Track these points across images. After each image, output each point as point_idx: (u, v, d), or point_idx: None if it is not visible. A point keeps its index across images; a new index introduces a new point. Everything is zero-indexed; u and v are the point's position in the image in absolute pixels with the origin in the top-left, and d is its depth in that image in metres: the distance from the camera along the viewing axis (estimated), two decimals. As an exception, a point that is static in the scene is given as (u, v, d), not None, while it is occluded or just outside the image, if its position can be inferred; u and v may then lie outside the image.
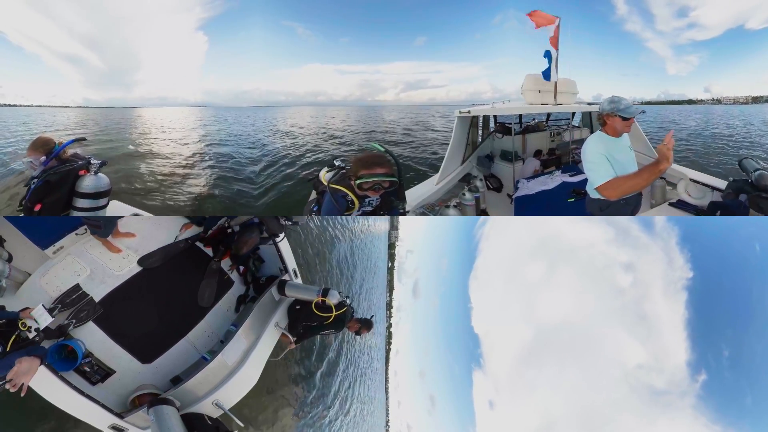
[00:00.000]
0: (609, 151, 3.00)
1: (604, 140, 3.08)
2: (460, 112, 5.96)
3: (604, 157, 2.96)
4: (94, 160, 3.15)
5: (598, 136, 3.13)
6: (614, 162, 2.97)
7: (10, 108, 57.81)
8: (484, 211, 6.31)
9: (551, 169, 7.04)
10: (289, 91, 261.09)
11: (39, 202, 2.96)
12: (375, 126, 29.11)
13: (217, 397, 2.98)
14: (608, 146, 3.04)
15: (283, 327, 3.70)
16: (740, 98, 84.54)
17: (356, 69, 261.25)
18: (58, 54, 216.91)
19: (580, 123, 8.17)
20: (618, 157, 3.02)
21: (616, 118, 2.99)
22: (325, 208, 2.69)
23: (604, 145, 3.04)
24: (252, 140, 19.63)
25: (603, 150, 3.00)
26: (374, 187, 2.42)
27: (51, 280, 3.16)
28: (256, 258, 4.10)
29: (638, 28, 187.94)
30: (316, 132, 24.60)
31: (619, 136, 3.09)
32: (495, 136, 7.71)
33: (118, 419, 2.76)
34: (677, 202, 5.43)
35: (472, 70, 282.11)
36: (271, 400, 6.75)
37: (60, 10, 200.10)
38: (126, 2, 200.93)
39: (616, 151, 3.05)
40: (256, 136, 21.63)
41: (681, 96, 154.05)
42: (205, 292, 3.63)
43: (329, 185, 2.58)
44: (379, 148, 2.56)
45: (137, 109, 59.44)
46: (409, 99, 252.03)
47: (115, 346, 3.19)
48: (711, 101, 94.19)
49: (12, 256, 3.02)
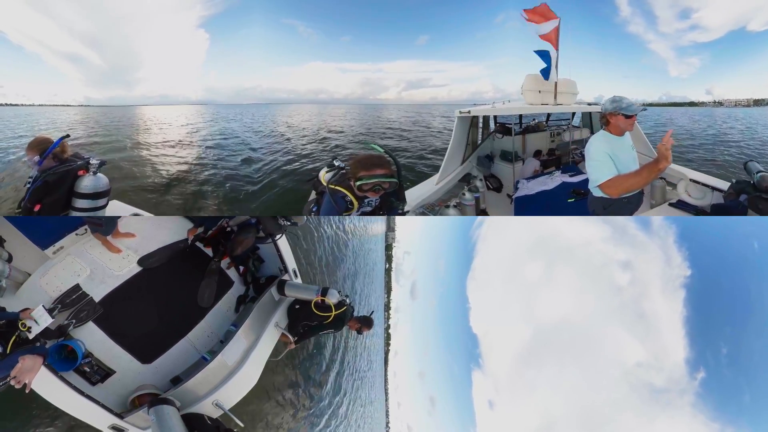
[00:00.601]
0: (612, 149, 3.07)
1: (607, 139, 3.14)
2: (460, 112, 5.96)
3: (608, 155, 3.03)
4: (93, 160, 3.15)
5: (602, 135, 3.19)
6: (617, 160, 3.03)
7: (12, 107, 57.83)
8: (483, 211, 6.31)
9: (551, 169, 7.03)
10: (290, 89, 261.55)
11: (38, 203, 2.96)
12: (374, 124, 29.06)
13: (217, 397, 2.99)
14: (612, 145, 3.10)
15: (283, 327, 3.70)
16: (741, 101, 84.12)
17: (358, 67, 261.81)
18: (59, 53, 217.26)
19: (580, 123, 8.16)
20: (621, 156, 3.08)
21: (619, 117, 3.07)
22: (324, 209, 2.68)
23: (608, 143, 3.11)
24: (252, 139, 19.62)
25: (607, 149, 3.06)
26: (374, 188, 2.42)
27: (51, 281, 3.16)
28: (255, 258, 4.10)
29: (641, 29, 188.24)
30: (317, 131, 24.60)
31: (621, 135, 3.16)
32: (495, 136, 7.71)
33: (118, 419, 2.76)
34: (677, 202, 5.43)
35: (474, 70, 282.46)
36: (269, 404, 6.74)
37: (60, 9, 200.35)
38: (126, 0, 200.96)
39: (619, 150, 3.11)
40: (256, 134, 21.62)
41: (683, 98, 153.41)
42: (205, 292, 3.64)
43: (328, 186, 2.58)
44: (378, 149, 2.55)
45: (138, 108, 59.31)
46: (410, 98, 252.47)
47: (115, 346, 3.19)
48: (712, 104, 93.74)
49: (12, 256, 3.02)
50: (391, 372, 30.08)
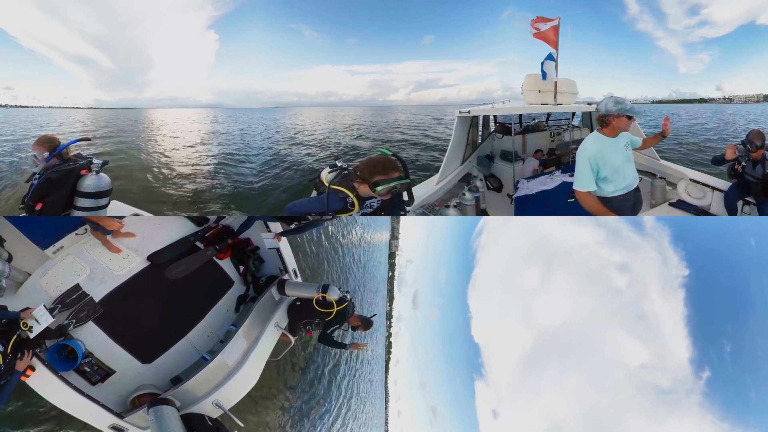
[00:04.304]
0: (601, 152, 3.08)
1: (599, 142, 3.12)
2: (460, 112, 5.97)
3: (591, 164, 3.07)
4: (96, 160, 3.17)
5: (594, 138, 3.17)
6: (603, 164, 3.08)
7: (23, 109, 58.00)
8: (484, 211, 6.31)
9: (551, 169, 7.02)
10: (300, 92, 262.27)
11: (40, 201, 2.97)
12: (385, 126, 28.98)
13: (217, 397, 2.98)
14: (602, 148, 3.09)
15: (283, 327, 3.70)
16: (752, 96, 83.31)
17: (367, 69, 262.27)
18: (69, 56, 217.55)
19: (580, 123, 8.16)
20: (609, 159, 3.09)
21: (622, 119, 3.03)
22: (308, 205, 2.72)
23: (598, 147, 3.10)
24: (258, 142, 19.64)
25: (595, 153, 3.08)
26: (392, 190, 2.47)
27: (51, 280, 3.16)
28: (256, 258, 4.10)
29: (649, 27, 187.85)
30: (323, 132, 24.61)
31: (615, 137, 3.13)
32: (495, 136, 7.71)
33: (118, 419, 2.75)
34: (677, 202, 5.44)
35: (484, 68, 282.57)
36: (268, 408, 6.74)
37: (70, 12, 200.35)
38: (136, 2, 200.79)
39: (610, 152, 3.10)
40: (263, 137, 21.65)
41: (692, 95, 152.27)
42: (180, 266, 3.56)
43: (330, 186, 2.58)
44: (387, 152, 2.61)
45: (147, 111, 59.31)
46: (420, 99, 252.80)
47: (115, 346, 3.19)
48: (723, 100, 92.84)
49: (12, 256, 3.02)
50: (392, 380, 30.05)
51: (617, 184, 3.17)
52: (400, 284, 33.48)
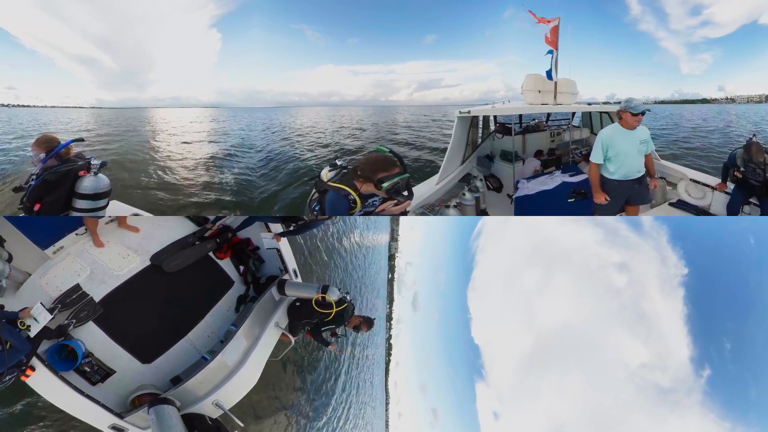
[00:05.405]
0: (614, 138, 3.91)
1: (615, 130, 3.96)
2: (460, 112, 5.96)
3: (603, 143, 3.93)
4: (95, 161, 3.12)
5: (612, 126, 4.04)
6: (613, 148, 3.91)
7: (25, 108, 57.95)
8: (484, 211, 6.30)
9: (551, 169, 7.03)
10: (302, 92, 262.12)
11: (38, 202, 2.94)
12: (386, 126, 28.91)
13: (217, 397, 2.98)
14: (616, 135, 3.92)
15: (283, 327, 3.70)
16: (754, 97, 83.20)
17: (370, 69, 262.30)
18: (71, 56, 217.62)
19: (579, 123, 8.16)
20: (620, 145, 3.90)
21: (626, 114, 3.86)
22: (330, 208, 2.70)
23: (611, 132, 3.95)
24: (260, 142, 19.64)
25: (609, 136, 3.94)
26: (395, 186, 2.48)
27: (51, 280, 3.16)
28: (256, 258, 4.10)
29: (652, 27, 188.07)
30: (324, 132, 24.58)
31: (632, 129, 3.90)
32: (495, 136, 7.70)
33: (118, 419, 2.75)
34: (677, 201, 5.44)
35: (486, 68, 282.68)
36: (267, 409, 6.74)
37: (72, 12, 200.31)
38: (138, 1, 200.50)
39: (622, 140, 3.90)
40: (264, 137, 21.64)
41: (695, 95, 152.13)
42: (176, 258, 3.56)
43: (329, 183, 2.58)
44: (383, 149, 2.61)
45: (150, 110, 59.06)
46: (422, 99, 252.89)
47: (115, 346, 3.19)
48: (725, 100, 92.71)
49: (12, 256, 3.01)
50: (392, 382, 29.97)
51: (617, 167, 3.94)
52: (399, 286, 33.44)
